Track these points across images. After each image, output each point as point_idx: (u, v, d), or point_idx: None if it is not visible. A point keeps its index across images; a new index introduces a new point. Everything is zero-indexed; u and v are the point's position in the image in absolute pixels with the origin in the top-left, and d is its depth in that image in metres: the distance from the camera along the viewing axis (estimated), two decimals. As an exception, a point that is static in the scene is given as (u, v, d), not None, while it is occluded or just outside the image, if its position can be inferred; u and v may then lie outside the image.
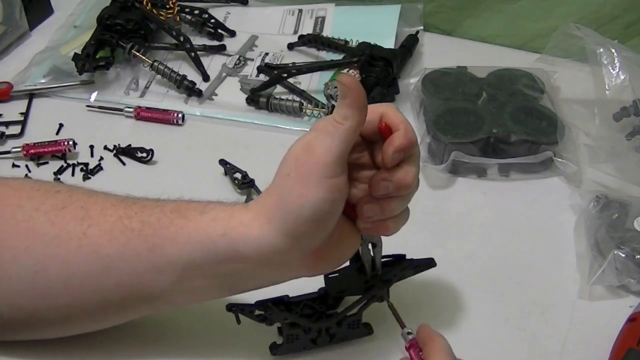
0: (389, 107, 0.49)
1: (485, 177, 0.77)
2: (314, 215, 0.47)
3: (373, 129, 0.49)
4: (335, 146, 0.46)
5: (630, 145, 0.74)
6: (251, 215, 0.49)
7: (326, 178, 0.46)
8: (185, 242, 0.50)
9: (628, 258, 0.63)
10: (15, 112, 0.84)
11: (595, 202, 0.69)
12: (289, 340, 0.57)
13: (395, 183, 0.49)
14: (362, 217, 0.50)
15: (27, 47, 0.94)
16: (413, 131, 0.49)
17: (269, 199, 0.49)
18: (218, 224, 0.49)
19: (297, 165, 0.47)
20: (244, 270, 0.50)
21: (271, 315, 0.55)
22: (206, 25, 0.96)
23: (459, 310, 0.63)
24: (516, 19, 0.93)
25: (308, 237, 0.48)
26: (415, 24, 0.95)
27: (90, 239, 0.51)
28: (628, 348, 0.56)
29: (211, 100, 0.86)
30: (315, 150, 0.46)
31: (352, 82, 0.46)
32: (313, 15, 0.97)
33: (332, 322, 0.57)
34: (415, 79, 0.85)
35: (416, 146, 0.49)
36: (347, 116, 0.46)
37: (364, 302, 0.57)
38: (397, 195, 0.50)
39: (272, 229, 0.48)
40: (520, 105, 0.79)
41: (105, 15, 0.88)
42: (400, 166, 0.49)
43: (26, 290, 0.52)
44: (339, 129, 0.46)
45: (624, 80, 0.72)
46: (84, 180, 0.76)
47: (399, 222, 0.52)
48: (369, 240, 0.54)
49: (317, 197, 0.46)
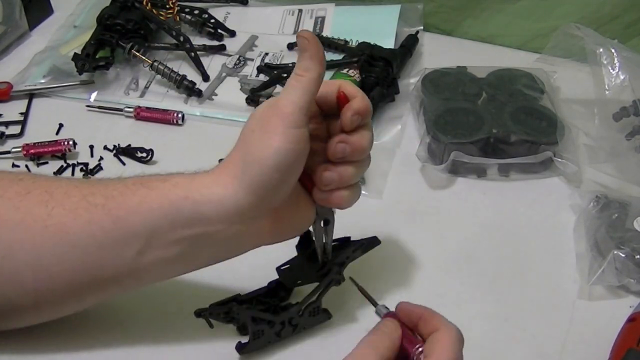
0: (344, 81, 0.54)
1: (485, 177, 0.77)
2: (277, 164, 0.49)
3: (331, 101, 0.53)
4: (298, 97, 0.49)
5: (630, 145, 0.74)
6: (213, 177, 0.51)
7: (290, 128, 0.49)
8: (149, 210, 0.51)
9: (628, 258, 0.63)
10: (15, 112, 0.84)
11: (595, 202, 0.69)
12: (255, 337, 0.57)
13: (352, 146, 0.52)
14: (319, 185, 0.53)
15: (27, 47, 0.94)
16: (368, 99, 0.53)
17: (233, 158, 0.51)
18: (179, 188, 0.51)
19: (262, 121, 0.50)
20: (207, 236, 0.52)
21: (238, 314, 0.55)
22: (206, 25, 0.96)
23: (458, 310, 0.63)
24: (516, 19, 0.93)
25: (270, 190, 0.50)
26: (415, 24, 0.95)
27: (55, 219, 0.51)
28: (628, 348, 0.56)
29: (211, 100, 0.86)
30: (279, 104, 0.50)
31: (311, 36, 0.49)
32: (313, 15, 0.97)
33: (294, 313, 0.58)
34: (415, 79, 0.85)
35: (370, 114, 0.53)
36: (308, 68, 0.50)
37: (323, 288, 0.58)
38: (353, 160, 0.53)
39: (235, 186, 0.50)
40: (520, 105, 0.79)
41: (105, 15, 0.88)
42: (357, 131, 0.52)
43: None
44: (301, 80, 0.50)
45: (623, 80, 0.72)
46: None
47: (353, 194, 0.55)
48: (323, 216, 0.56)
49: (281, 146, 0.49)
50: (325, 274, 0.58)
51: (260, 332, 0.57)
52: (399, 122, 0.82)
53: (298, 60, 0.50)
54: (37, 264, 0.52)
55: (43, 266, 0.52)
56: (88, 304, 0.56)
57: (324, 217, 0.56)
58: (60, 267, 0.52)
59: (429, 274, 0.66)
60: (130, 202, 0.51)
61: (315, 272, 0.58)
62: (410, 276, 0.65)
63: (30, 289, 0.53)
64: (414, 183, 0.76)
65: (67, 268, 0.52)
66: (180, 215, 0.51)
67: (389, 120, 0.83)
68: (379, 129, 0.81)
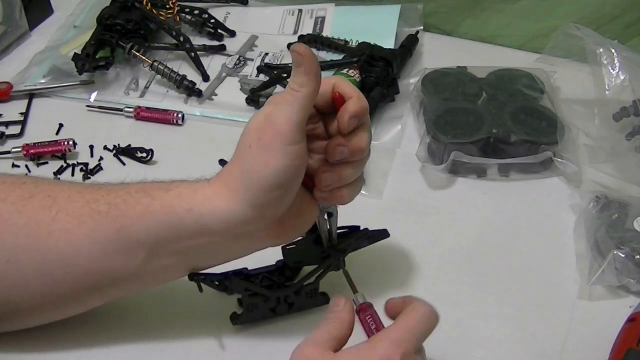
0: (339, 78, 0.53)
1: (485, 177, 0.77)
2: (277, 182, 0.49)
3: (327, 100, 0.52)
4: (294, 114, 0.48)
5: (630, 145, 0.74)
6: (215, 190, 0.51)
7: (287, 145, 0.48)
8: (153, 220, 0.51)
9: (628, 258, 0.63)
10: (15, 112, 0.84)
11: (595, 202, 0.69)
12: (249, 310, 0.58)
13: (350, 148, 0.51)
14: (319, 186, 0.53)
15: (27, 47, 0.94)
16: (364, 98, 0.52)
17: (232, 172, 0.51)
18: (183, 200, 0.51)
19: (259, 136, 0.49)
20: (211, 245, 0.52)
21: (231, 284, 0.56)
22: (206, 25, 0.96)
23: (458, 310, 0.63)
24: (516, 19, 0.93)
25: (272, 206, 0.50)
26: (415, 24, 0.95)
27: (59, 225, 0.51)
28: (628, 348, 0.56)
29: (211, 100, 0.86)
30: (275, 120, 0.48)
31: (306, 50, 0.48)
32: (313, 15, 0.97)
33: (290, 291, 0.59)
34: (415, 79, 0.86)
35: (367, 114, 0.52)
36: (303, 83, 0.48)
37: (321, 272, 0.59)
38: (351, 161, 0.52)
39: (237, 200, 0.50)
40: (520, 105, 0.79)
41: (105, 15, 0.88)
42: (355, 132, 0.52)
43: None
44: (297, 96, 0.48)
45: (623, 80, 0.72)
46: (83, 180, 0.75)
47: (354, 190, 0.55)
48: (326, 210, 0.56)
49: (280, 164, 0.48)
50: (326, 257, 0.59)
51: (254, 306, 0.58)
52: (399, 122, 0.82)
53: (293, 74, 0.49)
54: (41, 269, 0.52)
55: (47, 271, 0.52)
56: (91, 306, 0.56)
57: (327, 211, 0.57)
58: (64, 272, 0.52)
59: (429, 273, 0.66)
60: (133, 211, 0.51)
61: (318, 255, 0.59)
62: (410, 276, 0.65)
63: (34, 293, 0.53)
64: (414, 183, 0.76)
65: (71, 273, 0.52)
66: (183, 226, 0.51)
67: (389, 120, 0.83)
68: (379, 129, 0.81)
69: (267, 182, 0.48)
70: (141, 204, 0.51)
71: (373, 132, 0.80)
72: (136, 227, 0.51)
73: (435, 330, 0.52)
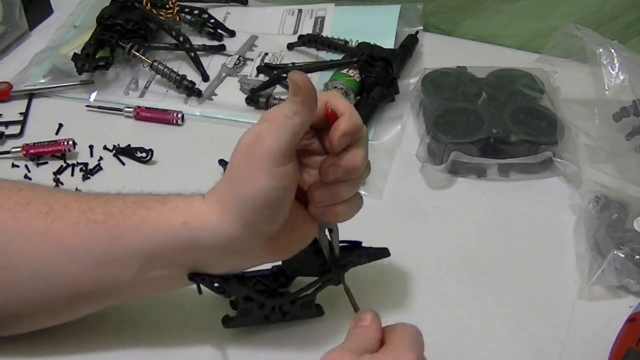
0: (333, 94, 0.52)
1: (485, 177, 0.77)
2: (266, 202, 0.48)
3: (320, 116, 0.50)
4: (284, 137, 0.48)
5: (630, 145, 0.74)
6: (208, 206, 0.51)
7: (275, 167, 0.48)
8: (148, 232, 0.51)
9: (627, 258, 0.63)
10: (14, 112, 0.83)
11: (595, 202, 0.69)
12: (243, 314, 0.58)
13: (344, 167, 0.50)
14: (313, 202, 0.52)
15: (26, 47, 0.94)
16: (358, 115, 0.50)
17: (223, 189, 0.51)
18: (179, 213, 0.51)
19: (248, 155, 0.49)
20: (205, 259, 0.52)
21: (230, 287, 0.56)
22: (206, 25, 0.96)
23: (458, 310, 0.63)
24: (516, 19, 0.93)
25: (263, 224, 0.50)
26: (415, 24, 0.95)
27: (54, 232, 0.51)
28: (628, 348, 0.56)
29: (211, 100, 0.86)
30: (264, 140, 0.48)
31: (304, 80, 0.47)
32: (313, 15, 0.97)
33: (286, 300, 0.59)
34: (415, 79, 0.85)
35: (362, 129, 0.51)
36: (297, 112, 0.47)
37: (319, 285, 0.59)
38: (346, 180, 0.51)
39: (229, 218, 0.50)
40: (520, 105, 0.79)
41: (105, 15, 0.88)
42: (348, 150, 0.50)
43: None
44: (289, 123, 0.48)
45: (623, 80, 0.72)
46: (83, 180, 0.75)
47: (350, 208, 0.53)
48: (326, 226, 0.56)
49: (267, 185, 0.48)
50: (326, 271, 0.58)
51: (248, 311, 0.58)
52: (399, 122, 0.82)
53: (289, 101, 0.47)
54: (36, 275, 0.52)
55: (42, 277, 0.52)
56: (86, 313, 0.56)
57: (326, 227, 0.56)
58: (59, 279, 0.52)
59: (429, 274, 0.66)
60: (129, 221, 0.51)
61: (318, 266, 0.58)
62: (410, 276, 0.65)
63: (29, 299, 0.53)
64: (414, 183, 0.76)
65: (66, 281, 0.52)
66: (178, 240, 0.51)
67: (389, 120, 0.83)
68: (379, 129, 0.81)
69: (256, 202, 0.48)
70: (137, 215, 0.51)
71: (373, 132, 0.80)
72: (132, 238, 0.51)
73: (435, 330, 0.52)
